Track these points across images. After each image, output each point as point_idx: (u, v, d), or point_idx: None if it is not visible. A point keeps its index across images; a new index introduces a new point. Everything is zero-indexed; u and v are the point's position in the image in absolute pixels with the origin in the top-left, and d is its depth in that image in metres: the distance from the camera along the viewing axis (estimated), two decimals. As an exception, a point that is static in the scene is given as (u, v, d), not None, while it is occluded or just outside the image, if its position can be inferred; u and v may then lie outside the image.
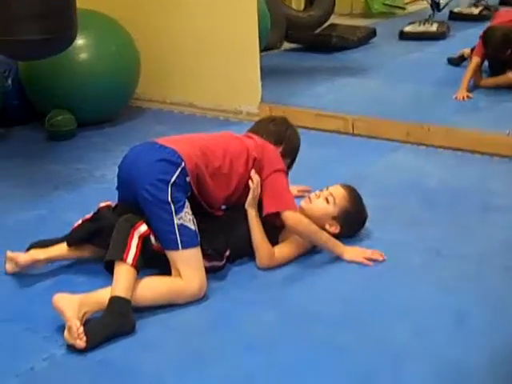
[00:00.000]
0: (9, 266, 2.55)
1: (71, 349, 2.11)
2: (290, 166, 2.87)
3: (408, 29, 6.82)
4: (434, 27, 6.78)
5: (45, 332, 2.21)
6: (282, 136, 2.84)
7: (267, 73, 4.65)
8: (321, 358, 2.07)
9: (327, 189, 2.75)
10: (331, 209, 2.69)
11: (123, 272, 2.26)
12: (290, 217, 2.56)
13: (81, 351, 2.10)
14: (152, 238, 2.38)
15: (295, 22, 6.60)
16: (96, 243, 2.51)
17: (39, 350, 2.14)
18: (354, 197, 2.76)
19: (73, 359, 2.09)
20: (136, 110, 4.77)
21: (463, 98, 4.58)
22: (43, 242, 2.59)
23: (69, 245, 2.54)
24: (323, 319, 2.28)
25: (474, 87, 4.76)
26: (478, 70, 4.81)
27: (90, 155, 3.90)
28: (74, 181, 3.51)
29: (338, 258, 2.63)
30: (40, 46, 3.18)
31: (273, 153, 2.70)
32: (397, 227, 2.91)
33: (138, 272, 2.30)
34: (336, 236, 2.67)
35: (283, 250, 2.64)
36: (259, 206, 2.63)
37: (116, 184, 2.61)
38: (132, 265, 2.26)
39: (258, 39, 4.43)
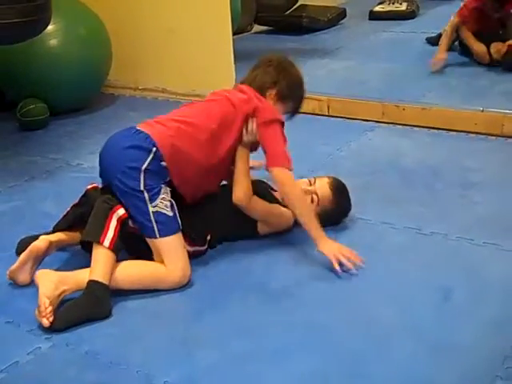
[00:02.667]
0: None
1: (56, 341, 2.09)
2: (295, 110, 2.69)
3: (378, 8, 6.82)
4: (403, 6, 6.79)
5: (28, 325, 2.17)
6: (279, 76, 2.60)
7: (239, 56, 4.61)
8: (308, 340, 2.08)
9: (315, 182, 2.72)
10: (313, 208, 2.63)
11: (101, 256, 2.24)
12: (279, 175, 2.46)
13: (66, 344, 2.08)
14: (130, 221, 2.35)
15: (265, 4, 6.55)
16: (80, 230, 2.48)
17: (23, 343, 2.10)
18: (339, 198, 2.71)
19: (58, 352, 2.07)
20: (109, 97, 4.71)
21: (436, 60, 4.59)
22: (30, 239, 2.52)
23: (56, 230, 2.50)
24: (307, 301, 2.28)
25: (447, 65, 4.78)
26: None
27: (65, 144, 3.84)
28: (50, 170, 3.46)
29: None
30: (16, 29, 3.11)
31: (265, 103, 2.55)
32: (376, 206, 2.92)
33: (116, 255, 2.27)
34: (326, 219, 2.60)
35: (261, 202, 2.56)
36: None
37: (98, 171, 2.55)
38: (109, 248, 2.24)
39: (230, 22, 4.40)
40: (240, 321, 2.19)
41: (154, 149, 2.35)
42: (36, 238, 2.54)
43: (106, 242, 2.24)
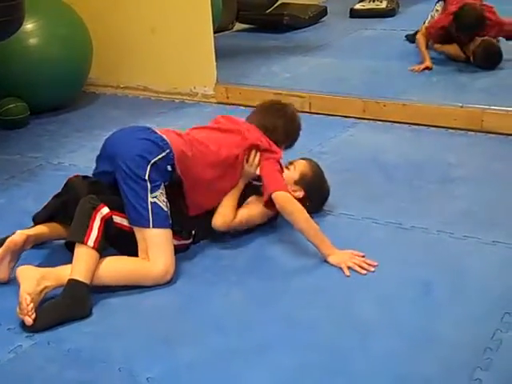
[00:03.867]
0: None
1: (37, 339, 2.08)
2: (289, 146, 2.90)
3: (358, 6, 6.86)
4: (383, 4, 6.84)
5: (8, 324, 2.16)
6: (291, 132, 2.86)
7: (221, 54, 4.62)
8: (291, 335, 2.08)
9: (294, 167, 2.78)
10: (291, 174, 2.73)
11: (83, 255, 2.23)
12: (279, 196, 2.52)
13: (48, 343, 2.07)
14: (116, 217, 2.35)
15: (246, 2, 6.56)
16: (60, 220, 2.46)
17: (4, 342, 2.09)
18: (313, 164, 2.81)
19: (40, 350, 2.05)
20: (90, 95, 4.69)
21: (419, 69, 4.63)
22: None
23: (35, 223, 2.49)
24: (289, 296, 2.29)
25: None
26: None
27: (46, 143, 3.82)
28: (31, 169, 3.44)
29: (297, 234, 2.55)
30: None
31: (268, 145, 2.69)
32: (358, 202, 2.94)
33: (100, 255, 2.26)
34: (303, 206, 2.59)
35: (240, 216, 2.61)
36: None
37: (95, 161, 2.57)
38: (93, 247, 2.23)
39: (211, 21, 4.39)
40: (222, 317, 2.19)
41: (168, 150, 2.41)
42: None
43: (90, 242, 2.24)
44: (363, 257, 2.46)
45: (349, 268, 2.41)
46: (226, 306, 2.25)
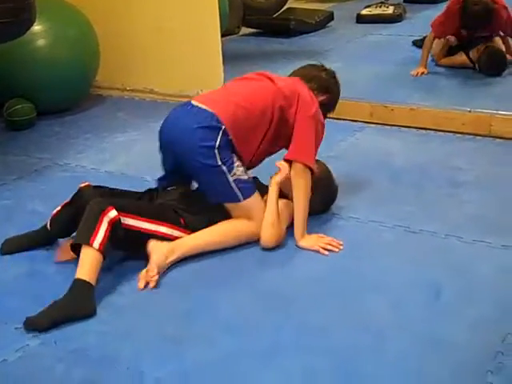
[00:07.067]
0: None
1: (44, 338, 2.08)
2: (329, 112, 2.91)
3: (365, 12, 6.84)
4: (390, 10, 6.82)
5: (15, 323, 2.15)
6: (332, 87, 2.87)
7: (227, 58, 4.61)
8: (301, 338, 2.07)
9: None
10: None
11: (88, 256, 2.24)
12: (298, 169, 2.57)
13: (55, 342, 2.07)
14: (128, 220, 2.35)
15: (252, 6, 6.56)
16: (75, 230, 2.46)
17: (11, 341, 2.08)
18: (323, 167, 2.80)
19: (47, 349, 2.05)
20: (96, 97, 4.69)
21: (417, 74, 4.63)
22: (17, 239, 2.54)
23: (53, 233, 2.53)
24: (299, 299, 2.28)
25: (434, 67, 4.80)
26: (445, 46, 4.82)
27: (52, 144, 3.82)
28: (38, 170, 3.44)
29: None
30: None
31: (309, 98, 2.69)
32: (366, 205, 2.93)
33: (104, 257, 2.27)
34: (310, 206, 2.63)
35: (280, 219, 2.61)
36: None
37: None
38: (98, 249, 2.24)
39: (218, 23, 4.39)
40: (231, 319, 2.18)
41: (223, 126, 2.51)
42: (22, 237, 2.53)
43: (96, 244, 2.24)
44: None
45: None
46: (236, 307, 2.24)
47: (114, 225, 2.30)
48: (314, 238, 2.60)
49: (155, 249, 2.41)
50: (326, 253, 2.53)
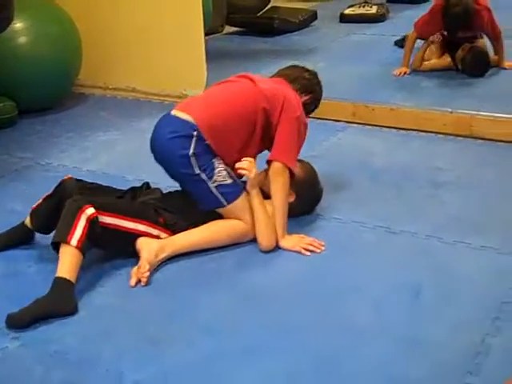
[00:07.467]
0: None
1: (24, 340, 2.06)
2: (311, 111, 2.93)
3: (348, 11, 6.85)
4: (373, 9, 6.84)
5: (-5, 325, 2.14)
6: (314, 87, 2.89)
7: (211, 56, 4.61)
8: (281, 339, 2.07)
9: None
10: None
11: (67, 254, 2.24)
12: (277, 168, 2.57)
13: (34, 343, 2.05)
14: (105, 218, 2.34)
15: (236, 4, 6.55)
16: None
17: (-10, 343, 2.07)
18: (308, 168, 2.80)
19: (26, 351, 2.04)
20: (79, 96, 4.66)
21: (399, 73, 4.65)
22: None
23: (33, 227, 2.52)
24: (279, 300, 2.28)
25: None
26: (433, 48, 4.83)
27: (34, 143, 3.80)
28: (19, 169, 3.42)
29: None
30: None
31: (293, 99, 2.69)
32: (348, 206, 2.93)
33: (83, 254, 2.27)
34: (293, 208, 2.64)
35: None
36: None
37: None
38: (76, 247, 2.24)
39: (202, 22, 4.38)
40: (211, 320, 2.18)
41: (195, 131, 2.50)
42: (2, 235, 2.51)
43: (74, 241, 2.24)
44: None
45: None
46: (216, 308, 2.24)
47: (92, 222, 2.29)
48: (296, 238, 2.60)
49: (145, 246, 2.42)
50: (308, 253, 2.54)
